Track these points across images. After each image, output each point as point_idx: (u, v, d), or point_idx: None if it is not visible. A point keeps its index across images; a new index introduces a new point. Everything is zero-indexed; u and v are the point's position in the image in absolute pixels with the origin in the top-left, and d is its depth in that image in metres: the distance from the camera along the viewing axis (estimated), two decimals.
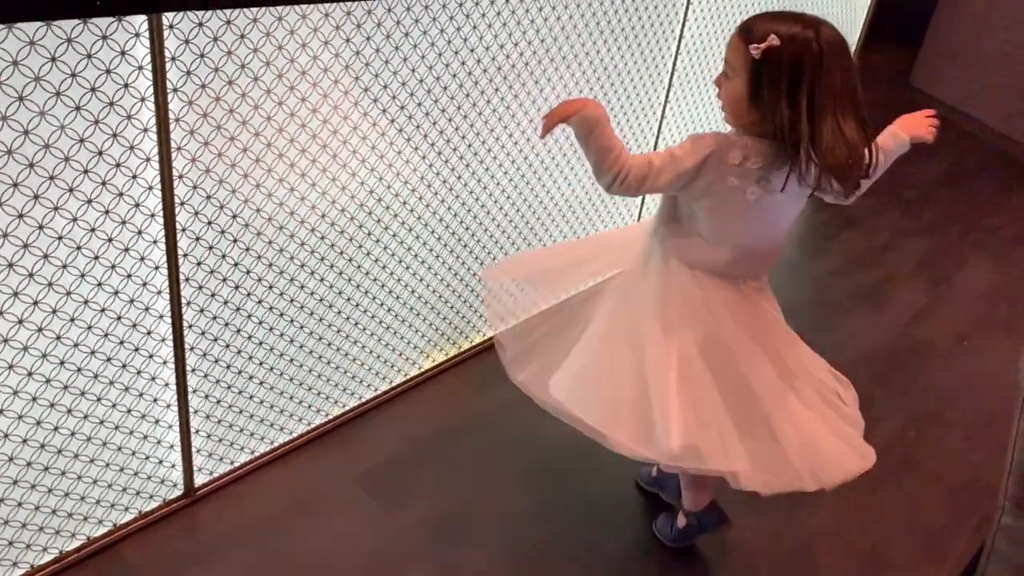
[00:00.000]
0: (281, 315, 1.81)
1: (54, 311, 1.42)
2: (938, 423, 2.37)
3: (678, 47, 2.57)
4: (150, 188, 1.46)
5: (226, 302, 1.68)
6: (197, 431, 1.76)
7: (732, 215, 1.51)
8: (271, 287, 1.76)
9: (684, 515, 1.83)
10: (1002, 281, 3.23)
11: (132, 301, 1.53)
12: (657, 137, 2.69)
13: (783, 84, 1.40)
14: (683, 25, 2.53)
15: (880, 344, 2.70)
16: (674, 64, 2.59)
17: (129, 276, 1.50)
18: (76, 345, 1.47)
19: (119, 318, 1.52)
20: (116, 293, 1.49)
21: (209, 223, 1.58)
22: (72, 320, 1.45)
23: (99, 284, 1.46)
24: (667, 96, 2.64)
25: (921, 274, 3.20)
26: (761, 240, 1.57)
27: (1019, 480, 1.47)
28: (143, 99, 1.39)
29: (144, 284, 1.53)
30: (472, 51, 1.92)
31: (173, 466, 1.76)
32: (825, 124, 1.40)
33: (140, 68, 1.37)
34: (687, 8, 2.50)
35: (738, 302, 1.59)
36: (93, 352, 1.50)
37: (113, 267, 1.47)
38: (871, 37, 3.84)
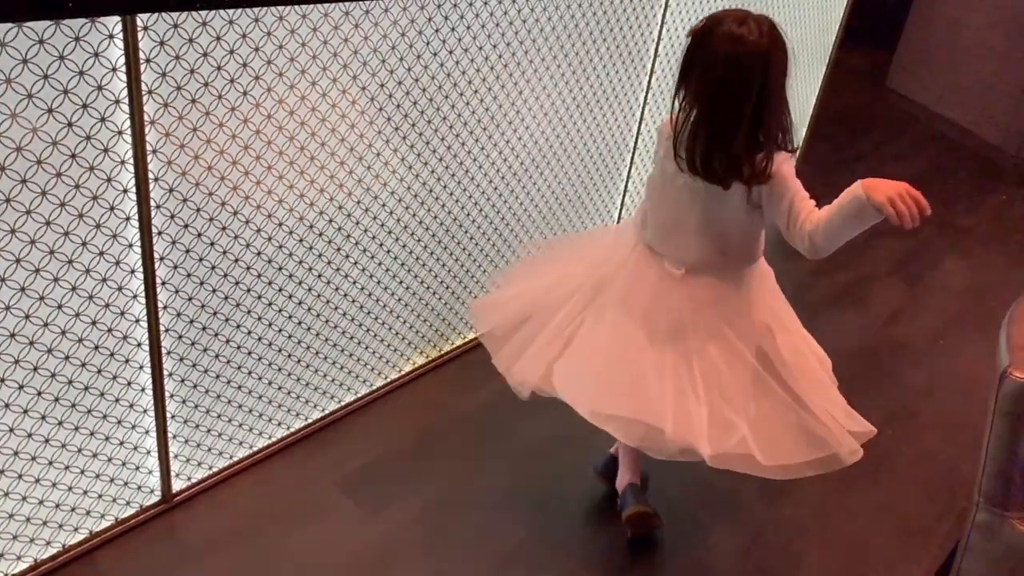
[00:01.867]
0: (259, 319, 1.79)
1: (27, 316, 1.40)
2: (914, 421, 2.40)
3: (656, 48, 2.58)
4: (125, 191, 1.45)
5: (203, 306, 1.67)
6: (174, 436, 1.75)
7: (659, 187, 1.65)
8: (249, 290, 1.74)
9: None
10: (976, 280, 3.27)
11: (107, 306, 1.51)
12: (636, 138, 2.70)
13: (682, 66, 1.52)
14: (661, 26, 2.54)
15: (857, 343, 2.73)
16: (653, 64, 2.60)
17: (104, 280, 1.48)
18: (50, 350, 1.45)
19: (94, 323, 1.50)
20: (91, 298, 1.48)
21: (186, 226, 1.57)
22: (45, 325, 1.43)
23: (73, 288, 1.44)
24: (646, 97, 2.65)
25: (897, 274, 3.24)
26: (677, 223, 1.63)
27: (993, 477, 1.49)
28: (117, 101, 1.38)
29: (119, 289, 1.51)
30: (451, 52, 1.92)
31: (150, 472, 1.74)
32: (693, 109, 1.50)
33: (114, 70, 1.35)
34: (665, 9, 2.51)
35: (654, 278, 1.67)
36: (67, 357, 1.49)
37: (87, 271, 1.45)
38: (848, 39, 3.87)
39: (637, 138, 2.70)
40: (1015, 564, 1.48)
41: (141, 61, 1.38)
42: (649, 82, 2.62)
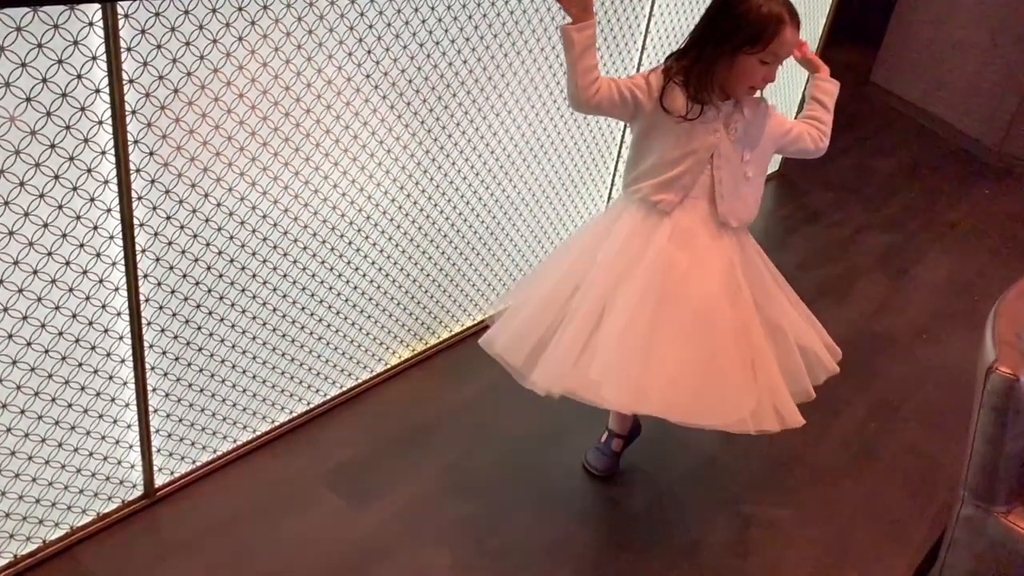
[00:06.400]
0: (243, 311, 1.77)
1: (5, 309, 1.37)
2: (898, 414, 2.41)
3: (644, 41, 2.57)
4: (105, 182, 1.42)
5: (186, 298, 1.65)
6: (157, 430, 1.73)
7: None
8: (232, 283, 1.72)
9: (616, 439, 2.01)
10: (959, 274, 3.29)
11: (88, 298, 1.48)
12: (624, 131, 2.69)
13: None
14: (649, 19, 2.53)
15: (842, 337, 2.72)
16: (640, 57, 2.59)
17: (85, 272, 1.46)
18: (29, 343, 1.43)
19: (74, 315, 1.48)
20: (71, 290, 1.45)
21: (168, 218, 1.54)
22: (25, 318, 1.40)
23: (53, 281, 1.42)
24: None
25: (881, 268, 3.25)
26: None
27: (979, 472, 1.49)
28: (97, 90, 1.35)
29: (100, 281, 1.49)
30: (438, 43, 1.90)
31: (132, 466, 1.72)
32: None
33: (94, 58, 1.33)
34: (652, 2, 2.51)
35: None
36: (47, 351, 1.46)
37: (68, 263, 1.43)
38: (833, 35, 3.88)
39: (624, 131, 2.69)
40: (1000, 558, 1.49)
41: (122, 49, 1.35)
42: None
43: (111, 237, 1.47)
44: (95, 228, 1.44)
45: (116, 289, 1.52)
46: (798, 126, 1.77)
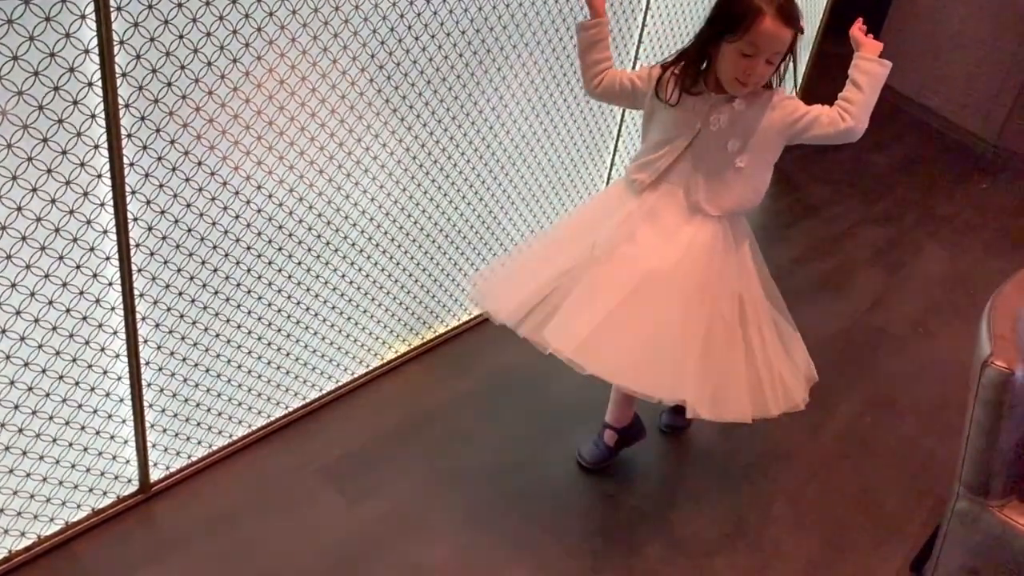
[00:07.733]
0: (238, 306, 1.77)
1: None
2: (893, 408, 2.41)
3: (641, 35, 2.57)
4: (99, 176, 1.42)
5: (181, 293, 1.64)
6: (152, 425, 1.72)
7: None
8: (228, 277, 1.72)
9: (608, 430, 1.99)
10: (956, 268, 3.29)
11: (82, 293, 1.48)
12: (620, 125, 2.69)
13: None
14: (645, 13, 2.53)
15: (838, 330, 2.74)
16: (637, 51, 2.59)
17: (78, 267, 1.45)
18: (23, 339, 1.43)
19: (68, 311, 1.47)
20: (65, 285, 1.45)
21: (162, 212, 1.54)
22: (18, 313, 1.40)
23: (46, 276, 1.41)
24: None
25: (878, 262, 3.25)
26: None
27: (974, 466, 1.50)
28: (90, 84, 1.34)
29: (94, 275, 1.48)
30: (433, 36, 1.89)
31: (127, 462, 1.71)
32: None
33: (87, 51, 1.32)
34: None
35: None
36: (41, 346, 1.46)
37: (61, 258, 1.42)
38: (831, 27, 3.88)
39: (621, 125, 2.69)
40: (994, 552, 1.49)
41: (115, 43, 1.34)
42: (633, 68, 2.61)
43: (104, 232, 1.47)
44: (88, 222, 1.44)
45: (110, 284, 1.52)
46: (815, 110, 1.71)
